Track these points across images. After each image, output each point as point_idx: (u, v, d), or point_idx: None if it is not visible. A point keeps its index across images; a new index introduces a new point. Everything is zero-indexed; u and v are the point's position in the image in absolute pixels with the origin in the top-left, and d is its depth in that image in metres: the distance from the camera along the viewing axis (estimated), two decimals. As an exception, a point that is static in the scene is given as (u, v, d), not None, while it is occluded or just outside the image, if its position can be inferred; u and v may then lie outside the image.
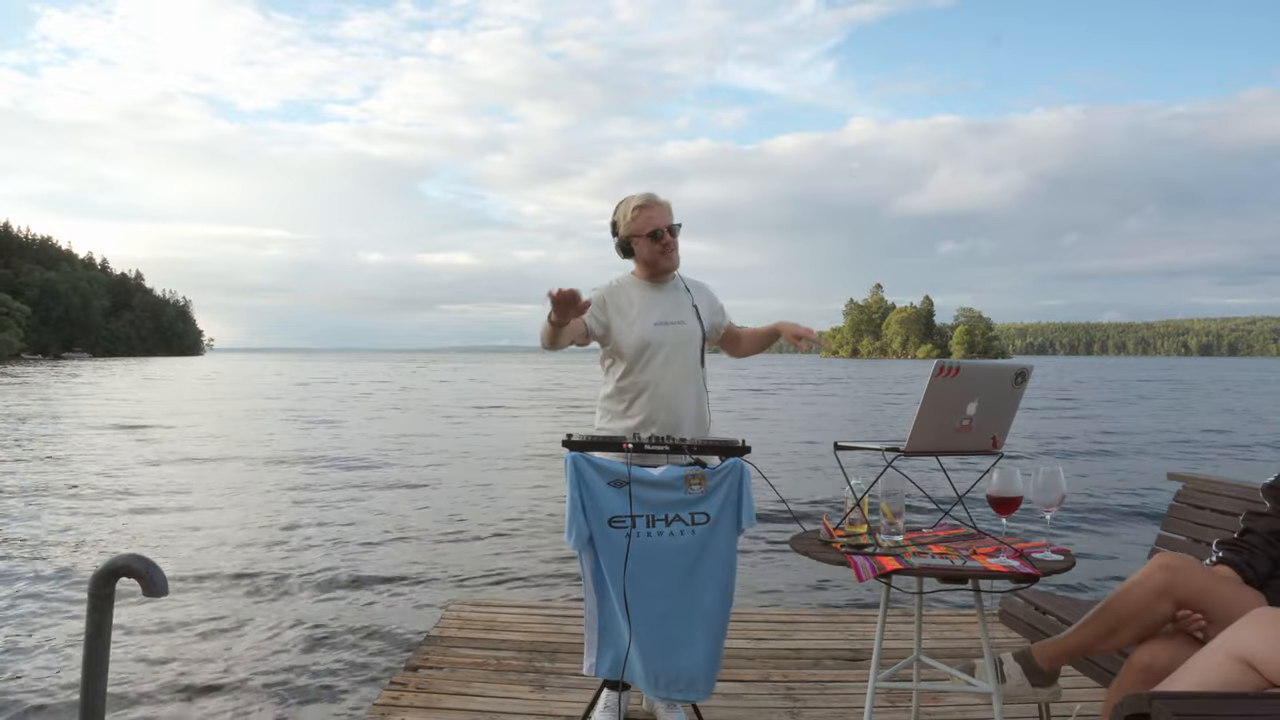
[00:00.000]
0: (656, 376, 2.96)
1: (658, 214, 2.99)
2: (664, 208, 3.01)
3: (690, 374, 3.02)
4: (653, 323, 2.99)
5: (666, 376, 2.97)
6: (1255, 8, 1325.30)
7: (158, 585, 1.51)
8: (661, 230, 2.97)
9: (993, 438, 2.53)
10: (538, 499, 10.56)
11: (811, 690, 3.39)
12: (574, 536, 2.62)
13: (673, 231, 3.01)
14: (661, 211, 3.00)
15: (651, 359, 2.97)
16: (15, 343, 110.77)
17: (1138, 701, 1.66)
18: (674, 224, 3.02)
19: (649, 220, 2.97)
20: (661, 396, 2.96)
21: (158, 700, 4.24)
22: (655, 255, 2.99)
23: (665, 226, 2.98)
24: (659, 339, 2.97)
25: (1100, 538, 8.66)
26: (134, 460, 14.02)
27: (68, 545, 7.81)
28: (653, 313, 3.00)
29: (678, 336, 3.00)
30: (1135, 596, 2.13)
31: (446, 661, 3.65)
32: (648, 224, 2.97)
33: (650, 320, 2.99)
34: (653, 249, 2.98)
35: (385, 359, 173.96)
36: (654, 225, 2.97)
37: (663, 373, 2.97)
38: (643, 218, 2.97)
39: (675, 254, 3.04)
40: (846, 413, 28.62)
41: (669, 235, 2.99)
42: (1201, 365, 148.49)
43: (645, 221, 2.97)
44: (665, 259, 3.01)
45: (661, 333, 2.98)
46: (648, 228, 2.97)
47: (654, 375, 2.97)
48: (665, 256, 3.00)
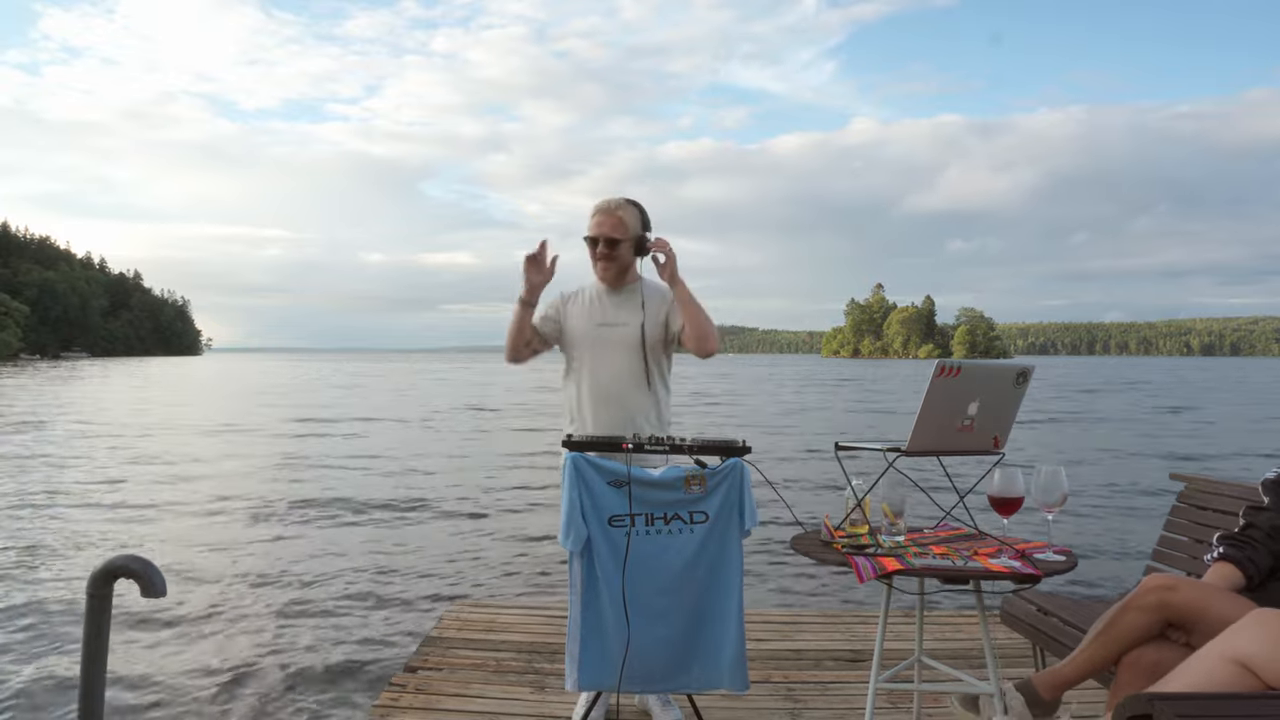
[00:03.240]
0: (592, 378, 2.96)
1: (601, 222, 2.93)
2: (612, 218, 2.92)
3: (632, 376, 2.96)
4: (595, 323, 2.99)
5: (603, 379, 2.95)
6: (1257, 8, 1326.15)
7: (156, 586, 1.50)
8: (596, 239, 2.93)
9: (994, 438, 2.52)
10: (538, 498, 10.56)
11: (812, 691, 3.38)
12: (572, 538, 2.60)
13: (610, 244, 2.91)
14: (606, 220, 2.92)
15: (584, 359, 2.98)
16: (14, 342, 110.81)
17: (1139, 702, 1.66)
18: (613, 237, 2.90)
19: (593, 225, 2.95)
20: (601, 398, 2.95)
21: (157, 701, 4.23)
22: (592, 261, 2.98)
23: (601, 236, 2.92)
24: (594, 338, 2.97)
25: (1101, 538, 8.65)
26: (133, 460, 14.02)
27: (66, 546, 7.80)
28: (598, 315, 3.00)
29: (616, 338, 2.97)
30: (1130, 621, 2.13)
31: (446, 663, 3.65)
32: (591, 228, 2.95)
33: (593, 321, 3.00)
34: (591, 254, 2.98)
35: (386, 359, 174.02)
36: (590, 231, 2.95)
37: (599, 374, 2.96)
38: (591, 221, 2.96)
39: (611, 267, 2.94)
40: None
41: (604, 246, 2.91)
42: (1204, 365, 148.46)
43: (591, 225, 2.96)
44: (597, 267, 2.98)
45: (600, 333, 2.97)
46: (589, 231, 2.96)
47: (589, 377, 2.97)
48: (597, 265, 2.97)
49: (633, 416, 2.96)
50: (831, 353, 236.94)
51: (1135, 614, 2.12)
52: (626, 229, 2.93)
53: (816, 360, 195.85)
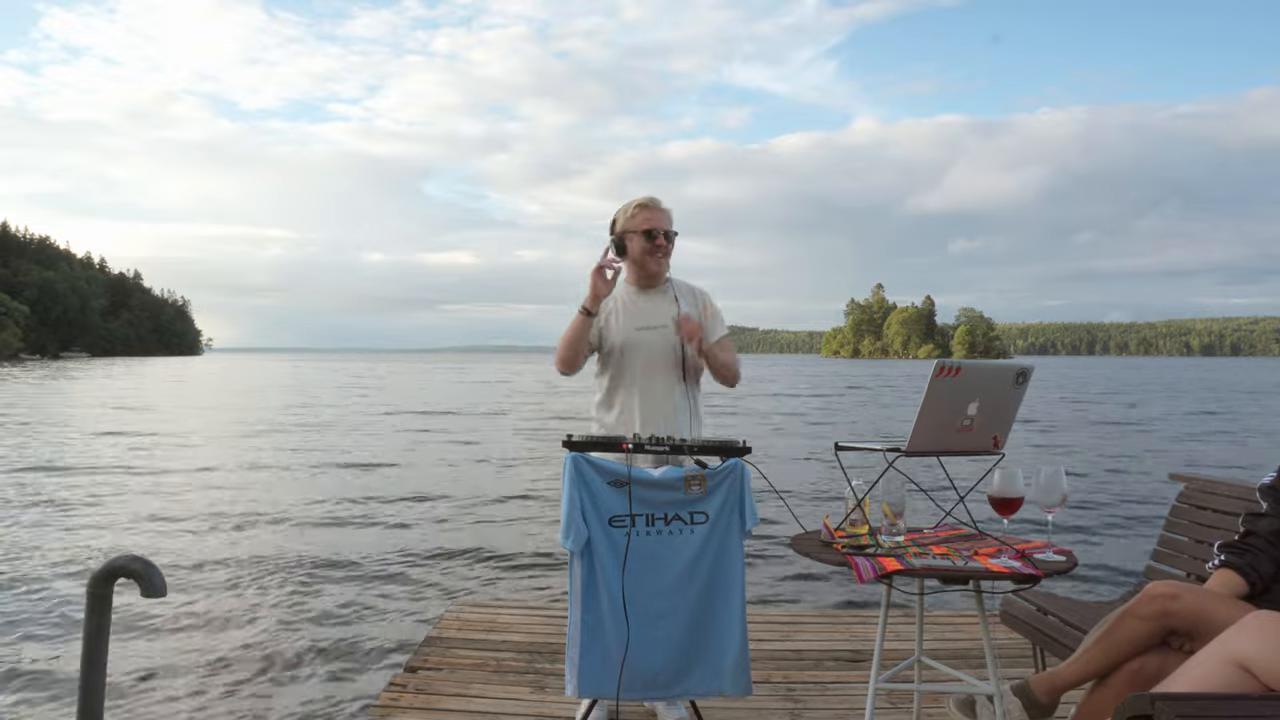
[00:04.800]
0: (637, 382, 2.96)
1: (657, 216, 3.01)
2: (665, 213, 3.04)
3: (673, 379, 2.99)
4: (634, 327, 2.99)
5: (647, 382, 2.97)
6: (1260, 7, 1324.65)
7: (156, 586, 1.51)
8: (657, 230, 2.99)
9: (994, 438, 2.52)
10: (536, 498, 10.56)
11: (812, 691, 3.38)
12: (572, 537, 2.60)
13: (668, 237, 3.02)
14: (660, 215, 3.02)
15: (631, 364, 2.97)
16: (13, 342, 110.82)
17: (1140, 703, 1.66)
18: (671, 230, 3.03)
19: (647, 219, 2.99)
20: (644, 402, 2.95)
21: (157, 701, 4.23)
22: (644, 255, 2.99)
23: (662, 229, 3.00)
24: (637, 343, 2.97)
25: (1102, 538, 8.65)
26: (132, 460, 14.01)
27: (66, 546, 7.80)
28: (635, 317, 3.01)
29: (658, 341, 2.98)
30: (1131, 628, 2.12)
31: (446, 662, 3.65)
32: (645, 222, 2.99)
33: (632, 324, 3.00)
34: (644, 247, 2.99)
35: (386, 359, 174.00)
36: (651, 224, 2.99)
37: (643, 379, 2.96)
38: (642, 216, 3.00)
39: (665, 260, 3.04)
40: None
41: (663, 239, 3.00)
42: (1206, 365, 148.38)
43: (644, 220, 2.99)
44: (653, 261, 3.01)
45: (642, 337, 2.98)
46: (644, 225, 2.98)
47: (634, 380, 2.97)
48: (653, 259, 3.01)
49: (673, 414, 2.98)
50: (831, 353, 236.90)
51: (1137, 622, 2.12)
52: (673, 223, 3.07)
53: (816, 360, 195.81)
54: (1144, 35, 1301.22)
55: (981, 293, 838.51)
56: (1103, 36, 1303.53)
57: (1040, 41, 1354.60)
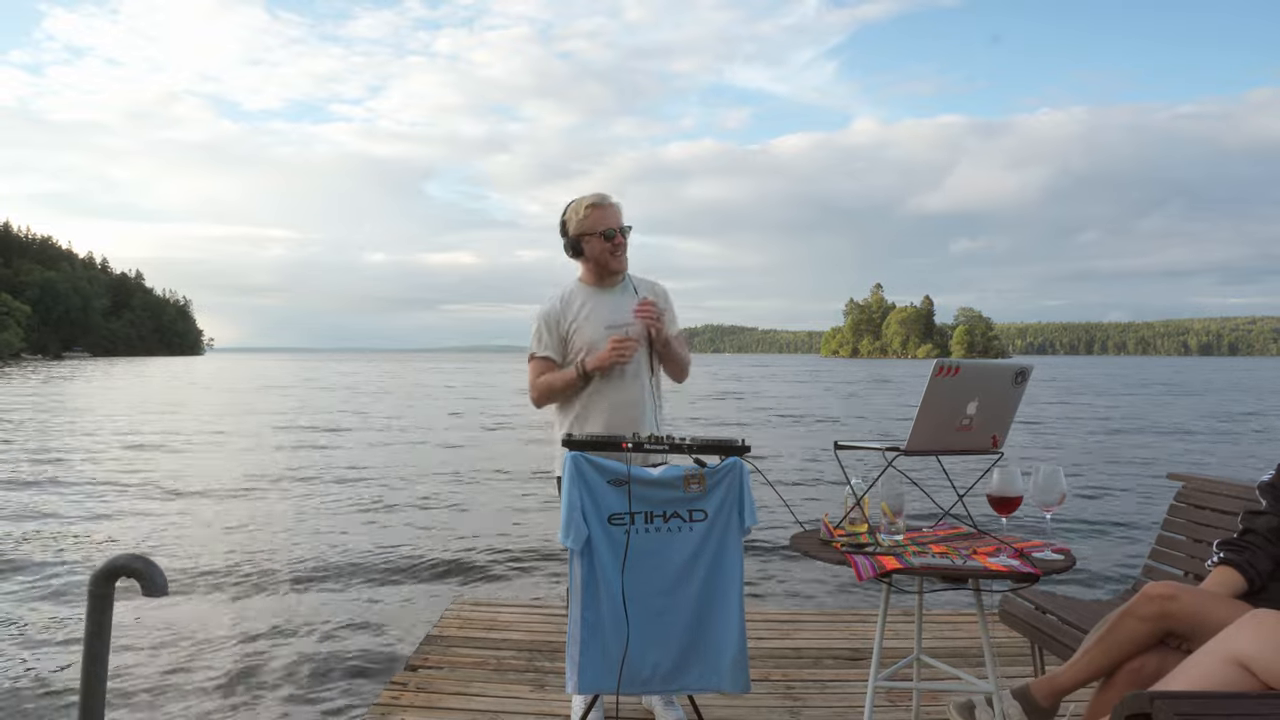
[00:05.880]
0: (610, 379, 2.97)
1: (610, 214, 3.01)
2: (615, 209, 3.03)
3: (641, 377, 3.01)
4: (602, 326, 2.99)
5: (619, 378, 2.97)
6: (1259, 8, 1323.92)
7: (158, 585, 1.51)
8: (614, 230, 2.99)
9: (993, 437, 2.53)
10: (535, 498, 10.56)
11: (811, 690, 3.38)
12: (572, 536, 2.60)
13: (624, 233, 3.02)
14: (614, 212, 3.02)
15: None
16: (15, 342, 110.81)
17: (1139, 701, 1.66)
18: (625, 225, 3.03)
19: (601, 219, 2.99)
20: (614, 402, 2.96)
21: (157, 700, 4.24)
22: (605, 255, 3.00)
23: (618, 227, 3.00)
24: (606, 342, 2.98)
25: (1100, 537, 8.66)
26: (131, 460, 14.02)
27: (67, 545, 7.80)
28: (601, 317, 3.01)
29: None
30: (1129, 629, 2.12)
31: (446, 661, 3.65)
32: (600, 222, 2.98)
33: (600, 324, 3.00)
34: (603, 248, 2.99)
35: (387, 359, 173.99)
36: (606, 224, 2.99)
37: (615, 375, 2.97)
38: (595, 216, 2.99)
39: (624, 255, 3.05)
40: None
41: (620, 236, 3.01)
42: (1209, 365, 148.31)
43: (598, 220, 2.99)
44: (614, 260, 3.02)
45: (609, 336, 2.97)
46: (600, 226, 2.98)
47: (606, 378, 2.97)
48: (615, 257, 3.02)
49: (643, 414, 2.99)
50: (830, 353, 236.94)
51: (1135, 622, 2.12)
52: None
53: (815, 360, 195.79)
54: (1144, 35, 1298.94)
55: (981, 293, 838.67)
56: (1103, 36, 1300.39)
57: (1040, 42, 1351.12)
